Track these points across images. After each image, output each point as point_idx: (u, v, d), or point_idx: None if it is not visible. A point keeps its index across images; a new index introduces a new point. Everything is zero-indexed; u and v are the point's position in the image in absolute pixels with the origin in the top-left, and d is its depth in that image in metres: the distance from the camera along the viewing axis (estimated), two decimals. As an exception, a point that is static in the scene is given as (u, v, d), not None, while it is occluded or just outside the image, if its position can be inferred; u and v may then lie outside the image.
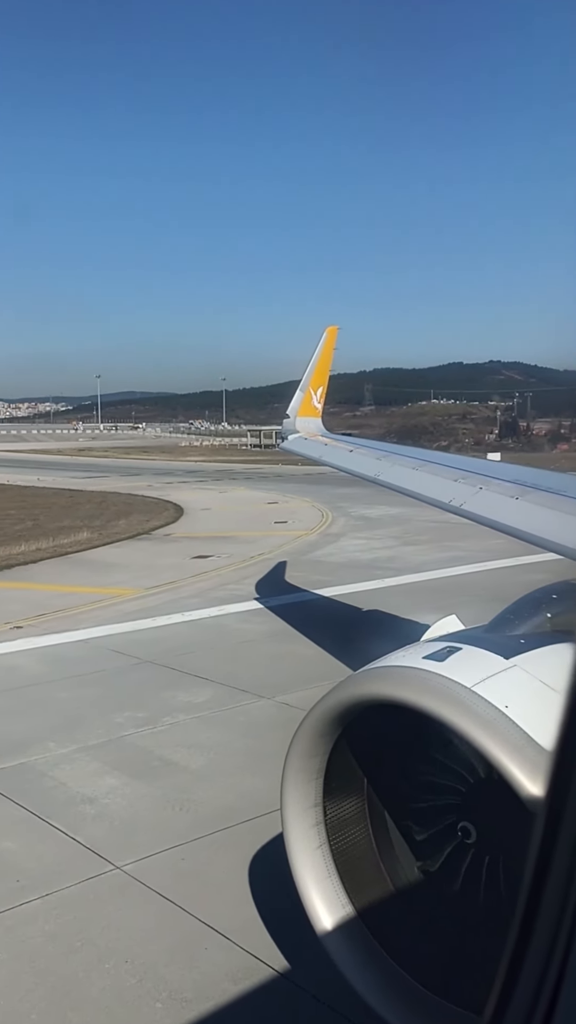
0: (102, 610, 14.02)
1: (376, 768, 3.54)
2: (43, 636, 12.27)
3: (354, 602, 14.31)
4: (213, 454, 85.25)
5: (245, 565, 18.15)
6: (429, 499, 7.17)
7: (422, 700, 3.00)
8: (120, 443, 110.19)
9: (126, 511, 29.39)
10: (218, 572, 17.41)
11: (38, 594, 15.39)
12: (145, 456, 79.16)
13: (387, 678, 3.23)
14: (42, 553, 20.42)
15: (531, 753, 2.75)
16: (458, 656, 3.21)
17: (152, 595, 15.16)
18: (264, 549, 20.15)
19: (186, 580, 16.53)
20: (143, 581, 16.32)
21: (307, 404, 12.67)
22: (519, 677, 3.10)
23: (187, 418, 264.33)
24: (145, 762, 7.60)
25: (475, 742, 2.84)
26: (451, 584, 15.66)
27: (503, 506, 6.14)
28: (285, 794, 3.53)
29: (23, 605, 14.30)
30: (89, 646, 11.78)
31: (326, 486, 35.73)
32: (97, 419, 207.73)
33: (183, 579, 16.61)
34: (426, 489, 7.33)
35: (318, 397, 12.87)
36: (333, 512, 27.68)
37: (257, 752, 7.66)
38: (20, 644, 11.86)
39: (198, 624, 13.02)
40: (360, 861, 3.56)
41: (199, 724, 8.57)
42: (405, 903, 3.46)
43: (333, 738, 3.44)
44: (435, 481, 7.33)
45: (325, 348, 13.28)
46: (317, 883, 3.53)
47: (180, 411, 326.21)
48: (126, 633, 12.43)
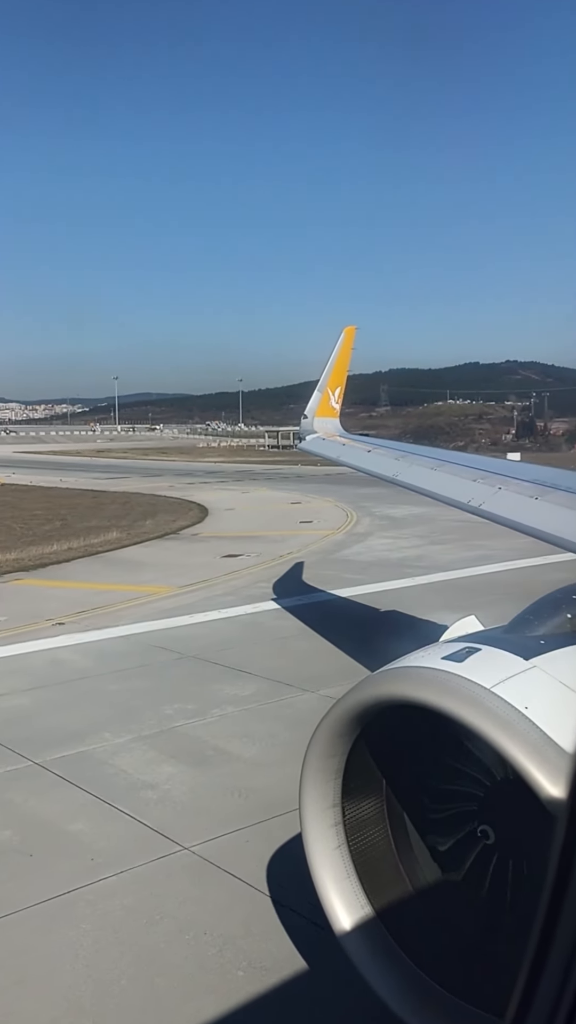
0: (139, 607, 14.33)
1: (395, 769, 3.53)
2: (85, 632, 12.59)
3: (387, 600, 14.54)
4: (231, 455, 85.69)
5: (275, 564, 18.41)
6: (448, 499, 7.21)
7: (441, 701, 2.98)
8: (138, 444, 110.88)
9: (151, 511, 29.70)
10: (249, 571, 17.69)
11: (75, 592, 15.73)
12: (164, 457, 79.67)
13: (406, 679, 3.21)
14: (74, 552, 20.79)
15: (551, 754, 2.73)
16: (477, 657, 3.19)
17: (187, 593, 15.46)
18: (292, 548, 20.41)
19: (219, 578, 16.82)
20: (176, 579, 16.63)
21: (325, 404, 12.77)
22: (539, 678, 3.08)
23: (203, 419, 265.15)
24: (200, 751, 7.88)
25: (494, 743, 2.82)
26: (481, 582, 15.85)
27: (523, 506, 6.16)
28: (304, 794, 3.55)
29: (61, 603, 14.64)
30: (131, 642, 12.08)
31: (347, 486, 35.95)
32: (115, 420, 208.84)
33: (215, 577, 16.90)
34: (445, 489, 7.37)
35: (336, 397, 12.94)
36: (357, 512, 27.90)
37: (306, 743, 7.89)
38: (63, 640, 12.18)
39: (235, 621, 13.29)
40: (379, 862, 3.56)
41: (248, 716, 8.84)
42: (424, 904, 3.46)
43: (351, 738, 3.44)
44: (454, 481, 7.38)
45: (343, 348, 13.32)
46: (336, 883, 3.54)
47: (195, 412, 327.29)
48: (165, 629, 12.72)
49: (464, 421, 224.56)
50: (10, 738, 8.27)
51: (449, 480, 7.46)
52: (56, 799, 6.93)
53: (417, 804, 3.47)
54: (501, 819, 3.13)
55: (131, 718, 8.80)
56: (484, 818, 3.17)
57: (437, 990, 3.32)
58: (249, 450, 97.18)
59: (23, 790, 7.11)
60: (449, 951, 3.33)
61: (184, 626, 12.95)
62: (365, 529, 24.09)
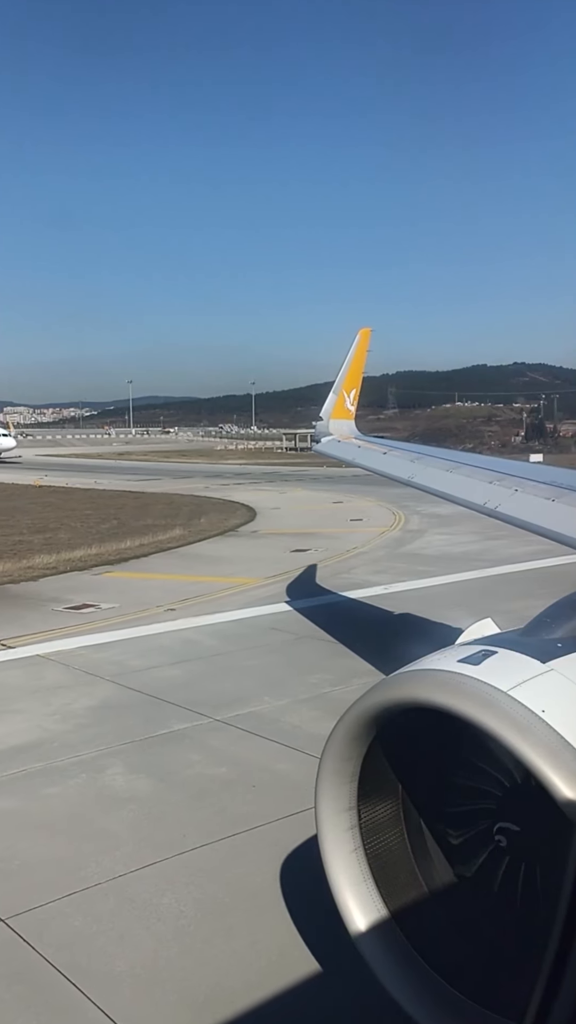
0: (236, 595, 15.47)
1: (411, 772, 3.52)
2: (198, 617, 13.72)
3: (472, 589, 15.69)
4: (251, 457, 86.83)
5: (345, 557, 19.56)
6: (464, 501, 7.35)
7: (457, 704, 2.96)
8: (156, 447, 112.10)
9: (199, 511, 30.74)
10: (323, 564, 18.79)
11: (169, 583, 16.88)
12: (185, 459, 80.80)
13: (421, 681, 3.18)
14: (146, 548, 21.91)
15: (568, 758, 2.71)
16: (494, 659, 3.16)
17: (274, 583, 16.59)
18: (355, 544, 21.54)
19: (298, 571, 17.94)
20: (258, 571, 17.75)
21: (340, 407, 12.97)
22: (556, 681, 3.04)
23: (211, 422, 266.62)
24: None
25: (511, 747, 2.79)
26: (554, 573, 16.82)
27: (539, 508, 6.22)
28: (320, 797, 3.52)
29: (162, 592, 15.79)
30: (245, 624, 13.22)
31: (382, 487, 36.75)
32: (129, 423, 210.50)
33: (294, 570, 18.01)
34: (461, 491, 7.50)
35: (351, 400, 13.13)
36: (402, 511, 28.99)
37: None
38: (182, 623, 13.32)
39: (333, 607, 14.41)
40: (395, 866, 3.54)
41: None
42: (440, 908, 3.45)
43: (367, 741, 3.42)
44: (470, 483, 7.47)
45: (358, 350, 13.41)
46: (352, 886, 3.51)
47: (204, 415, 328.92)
48: (272, 614, 13.85)
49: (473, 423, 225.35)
50: (183, 700, 9.42)
51: (465, 482, 7.56)
52: (251, 747, 8.06)
53: (433, 807, 3.47)
54: (518, 823, 3.11)
55: (281, 686, 9.92)
56: (501, 821, 3.16)
57: (453, 994, 3.30)
58: (268, 452, 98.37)
59: (219, 739, 8.27)
60: (466, 955, 3.33)
61: (287, 611, 14.09)
62: (417, 526, 25.21)
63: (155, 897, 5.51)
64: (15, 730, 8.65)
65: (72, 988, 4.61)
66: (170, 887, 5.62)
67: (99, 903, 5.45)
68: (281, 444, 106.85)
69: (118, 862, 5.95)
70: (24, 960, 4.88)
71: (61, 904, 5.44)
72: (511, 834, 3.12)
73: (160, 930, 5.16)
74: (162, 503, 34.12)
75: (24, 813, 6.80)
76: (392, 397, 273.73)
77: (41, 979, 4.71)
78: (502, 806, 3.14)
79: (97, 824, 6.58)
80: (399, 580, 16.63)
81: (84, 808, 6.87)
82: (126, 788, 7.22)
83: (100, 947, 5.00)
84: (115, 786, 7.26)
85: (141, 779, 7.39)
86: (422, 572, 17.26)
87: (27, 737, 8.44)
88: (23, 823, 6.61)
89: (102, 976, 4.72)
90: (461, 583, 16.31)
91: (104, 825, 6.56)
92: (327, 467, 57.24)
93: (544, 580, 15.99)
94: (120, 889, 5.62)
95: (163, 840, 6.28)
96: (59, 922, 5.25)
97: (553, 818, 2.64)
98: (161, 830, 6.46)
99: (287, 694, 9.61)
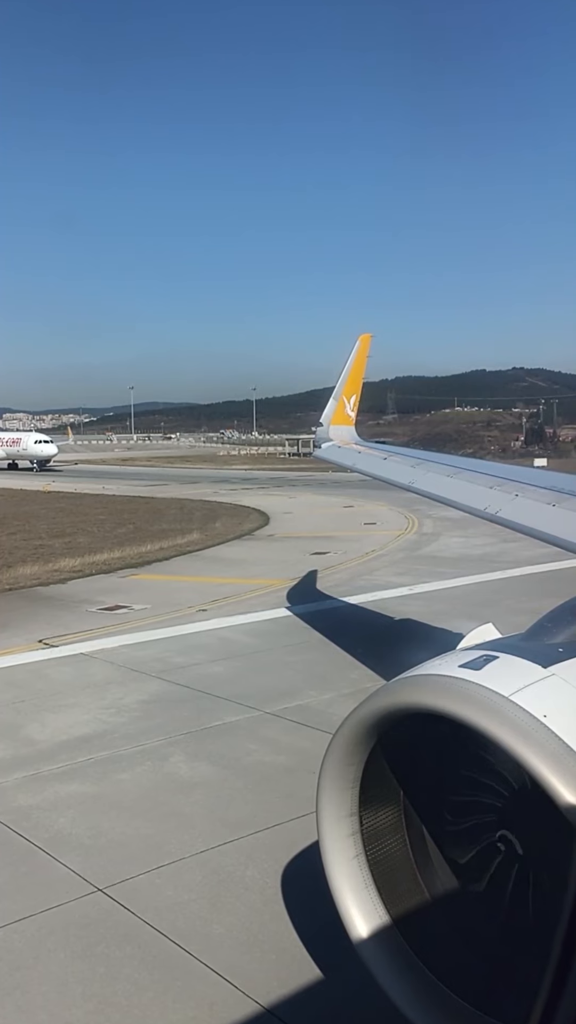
0: (264, 596, 15.88)
1: (412, 777, 3.51)
2: (230, 617, 14.11)
3: (495, 589, 16.08)
4: (255, 462, 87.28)
5: (365, 560, 19.97)
6: (465, 506, 7.35)
7: (458, 709, 2.95)
8: (159, 453, 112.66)
9: (212, 516, 31.13)
10: (344, 566, 19.22)
11: (196, 584, 17.29)
12: (190, 465, 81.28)
13: (422, 687, 3.16)
14: (167, 552, 22.31)
15: (571, 763, 2.71)
16: (495, 664, 3.15)
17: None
18: (373, 546, 21.96)
19: (321, 572, 18.33)
20: (282, 573, 18.15)
21: (340, 412, 13.04)
22: (558, 686, 3.03)
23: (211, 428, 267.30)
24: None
25: (513, 752, 2.78)
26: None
27: (540, 513, 6.22)
28: (321, 803, 3.51)
29: (191, 593, 16.19)
30: (279, 624, 13.61)
31: (390, 491, 36.62)
32: (131, 429, 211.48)
33: (317, 571, 18.40)
34: (462, 496, 7.50)
35: (351, 405, 13.17)
36: (413, 514, 29.39)
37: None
38: (216, 623, 13.71)
39: (363, 606, 14.81)
40: (397, 872, 3.54)
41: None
42: (442, 915, 3.45)
43: (369, 747, 3.41)
44: (471, 488, 7.48)
45: (358, 356, 13.45)
46: (354, 893, 3.51)
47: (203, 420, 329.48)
48: (304, 613, 14.24)
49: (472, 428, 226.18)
50: (231, 694, 9.81)
51: (466, 487, 7.57)
52: (305, 737, 8.45)
53: (435, 813, 3.47)
54: (519, 829, 3.12)
55: (324, 681, 10.31)
56: (502, 828, 3.16)
57: (455, 1000, 3.30)
58: (271, 458, 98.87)
59: (272, 730, 8.66)
60: (468, 961, 3.33)
61: (318, 611, 14.48)
62: (431, 530, 25.63)
63: (238, 870, 5.91)
64: (76, 721, 9.04)
65: (177, 948, 5.01)
66: (251, 862, 6.01)
67: (187, 874, 5.85)
68: (284, 449, 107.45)
69: (197, 839, 6.35)
70: (128, 924, 5.28)
71: (151, 876, 5.84)
72: (513, 840, 3.13)
73: (250, 899, 5.55)
74: (174, 508, 34.51)
75: (101, 796, 7.19)
76: (391, 402, 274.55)
77: (146, 940, 5.11)
78: (504, 812, 3.14)
79: (171, 806, 6.97)
80: (423, 581, 17.03)
81: (156, 792, 7.27)
82: (192, 774, 7.61)
83: (195, 912, 5.40)
84: (180, 772, 7.66)
85: (204, 765, 7.79)
86: (445, 573, 17.68)
87: (88, 728, 8.82)
88: (102, 805, 7.01)
89: (202, 937, 5.11)
90: (487, 583, 16.75)
91: (177, 807, 6.95)
92: (333, 472, 57.52)
93: (573, 580, 16.39)
94: (203, 863, 6.01)
95: (235, 820, 6.67)
96: (152, 891, 5.65)
97: (556, 823, 2.65)
98: (232, 811, 6.85)
99: (331, 688, 10.00)
